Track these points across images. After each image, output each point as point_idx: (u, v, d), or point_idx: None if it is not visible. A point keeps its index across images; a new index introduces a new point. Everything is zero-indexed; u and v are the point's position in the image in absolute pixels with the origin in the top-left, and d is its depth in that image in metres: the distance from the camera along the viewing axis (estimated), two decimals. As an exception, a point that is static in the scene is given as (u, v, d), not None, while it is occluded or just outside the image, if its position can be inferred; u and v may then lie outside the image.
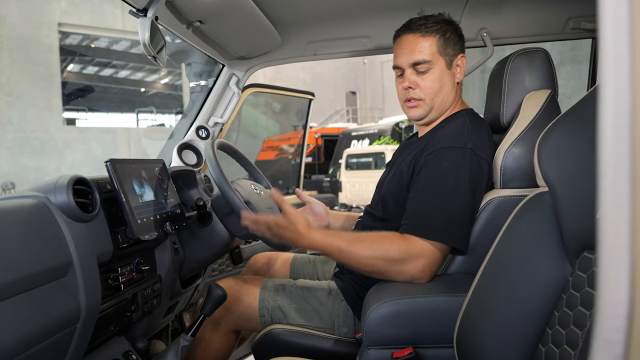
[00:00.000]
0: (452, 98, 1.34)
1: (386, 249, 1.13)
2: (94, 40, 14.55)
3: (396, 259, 1.12)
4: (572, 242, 0.81)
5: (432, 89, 1.31)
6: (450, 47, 1.31)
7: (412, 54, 1.30)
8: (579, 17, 1.67)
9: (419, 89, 1.31)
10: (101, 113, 15.72)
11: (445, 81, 1.32)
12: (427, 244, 1.12)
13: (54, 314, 0.89)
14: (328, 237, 1.19)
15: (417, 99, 1.32)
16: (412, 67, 1.31)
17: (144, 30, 1.11)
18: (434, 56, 1.29)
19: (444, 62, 1.31)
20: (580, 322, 0.73)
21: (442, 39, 1.30)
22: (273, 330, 1.33)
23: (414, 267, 1.12)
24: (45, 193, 0.96)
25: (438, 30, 1.30)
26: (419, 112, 1.34)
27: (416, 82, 1.31)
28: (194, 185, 1.72)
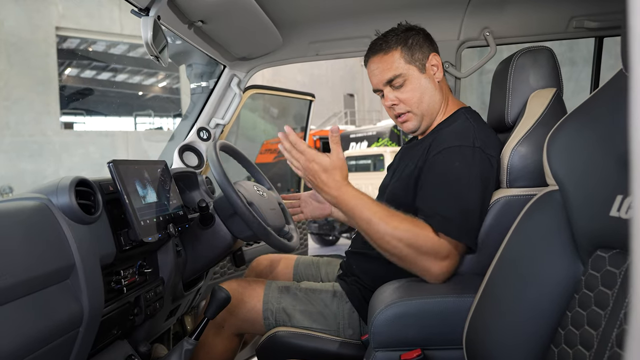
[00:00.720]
0: (438, 98, 1.35)
1: (418, 237, 1.08)
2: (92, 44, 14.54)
3: (426, 251, 1.09)
4: (584, 241, 0.79)
5: (413, 99, 1.32)
6: (417, 52, 1.32)
7: (382, 73, 1.32)
8: (582, 16, 1.66)
9: (402, 104, 1.33)
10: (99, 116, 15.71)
11: (425, 86, 1.32)
12: (453, 244, 1.10)
13: (57, 317, 0.87)
14: (360, 200, 1.12)
15: (404, 112, 1.34)
16: (387, 85, 1.33)
17: (146, 29, 1.10)
18: (403, 68, 1.31)
19: (416, 69, 1.32)
20: (594, 322, 0.72)
21: (405, 49, 1.31)
22: (277, 332, 1.31)
23: (440, 266, 1.10)
24: (47, 195, 0.94)
25: (399, 42, 1.32)
26: (413, 124, 1.35)
27: (397, 98, 1.33)
28: (196, 187, 1.71)
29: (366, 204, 1.12)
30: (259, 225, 1.34)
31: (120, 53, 15.16)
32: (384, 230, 1.09)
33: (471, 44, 1.76)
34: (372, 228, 1.10)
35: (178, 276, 1.42)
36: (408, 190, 1.26)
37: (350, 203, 1.12)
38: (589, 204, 0.79)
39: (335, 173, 1.12)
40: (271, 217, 1.47)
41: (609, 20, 1.65)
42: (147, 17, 1.10)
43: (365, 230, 1.12)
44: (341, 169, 1.13)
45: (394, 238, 1.08)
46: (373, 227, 1.10)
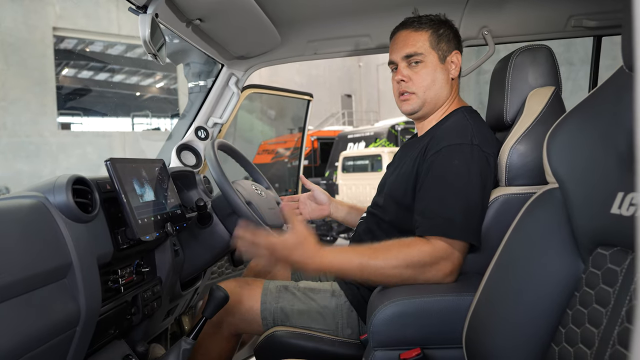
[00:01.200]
0: (446, 93, 1.35)
1: (412, 255, 1.08)
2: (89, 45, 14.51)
3: (423, 263, 1.08)
4: (585, 239, 0.79)
5: (424, 82, 1.32)
6: (443, 42, 1.34)
7: (404, 47, 1.33)
8: (581, 15, 1.66)
9: (411, 82, 1.33)
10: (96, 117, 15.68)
11: (438, 75, 1.33)
12: (450, 245, 1.09)
13: (53, 316, 0.87)
14: (343, 254, 1.11)
15: (409, 92, 1.34)
16: (405, 60, 1.33)
17: (144, 27, 1.09)
18: (426, 49, 1.32)
19: (437, 56, 1.33)
20: (596, 320, 0.71)
21: (435, 34, 1.33)
22: (275, 332, 1.30)
23: (442, 270, 1.09)
24: (44, 193, 0.94)
25: (431, 26, 1.33)
26: (412, 106, 1.35)
27: (409, 76, 1.33)
28: (193, 186, 1.70)
29: (349, 254, 1.11)
30: (258, 224, 1.34)
31: (117, 54, 15.13)
32: (379, 267, 1.09)
33: (470, 43, 1.75)
34: (367, 271, 1.09)
35: (176, 276, 1.41)
36: (407, 189, 1.26)
37: (335, 263, 1.10)
38: (589, 201, 0.78)
39: (304, 245, 1.10)
40: (270, 217, 1.46)
41: (608, 19, 1.65)
42: (144, 15, 1.10)
43: (362, 276, 1.11)
44: (307, 238, 1.11)
45: (391, 268, 1.08)
46: (367, 270, 1.09)
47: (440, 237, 1.09)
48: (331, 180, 11.22)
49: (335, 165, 11.13)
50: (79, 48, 14.33)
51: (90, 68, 15.45)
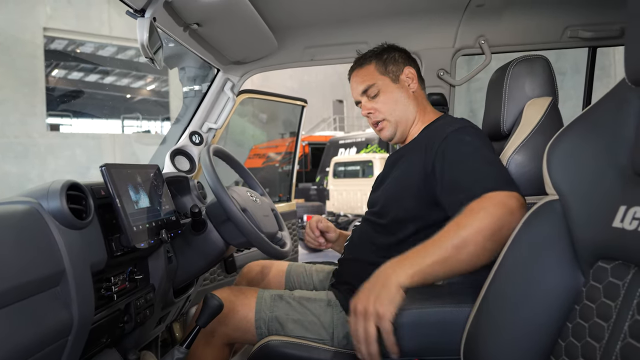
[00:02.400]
0: (412, 108, 1.41)
1: (487, 220, 0.99)
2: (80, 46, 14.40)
3: (502, 225, 0.99)
4: (585, 252, 0.79)
5: (387, 107, 1.40)
6: (391, 64, 1.42)
7: (358, 85, 1.43)
8: (577, 26, 1.68)
9: (377, 112, 1.41)
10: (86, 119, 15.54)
11: (398, 95, 1.40)
12: (508, 193, 1.04)
13: (45, 325, 0.85)
14: (411, 259, 1.01)
15: (379, 120, 1.41)
16: (363, 95, 1.42)
17: (142, 30, 1.08)
18: (377, 78, 1.40)
19: (389, 79, 1.41)
20: (597, 334, 0.71)
21: (379, 62, 1.41)
22: (270, 342, 1.29)
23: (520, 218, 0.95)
24: (38, 199, 0.92)
25: (373, 57, 1.43)
26: (388, 132, 1.42)
27: (373, 107, 1.41)
28: (187, 192, 1.68)
29: (420, 256, 1.01)
30: (253, 231, 1.33)
31: (108, 55, 15.03)
32: (470, 234, 0.99)
33: (466, 52, 1.76)
34: (464, 246, 0.99)
35: (169, 283, 1.39)
36: (411, 190, 1.26)
37: (411, 273, 0.99)
38: (590, 214, 0.78)
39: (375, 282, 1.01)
40: (264, 224, 1.45)
41: (603, 30, 1.66)
42: (143, 19, 1.08)
43: (449, 270, 1.01)
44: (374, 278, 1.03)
45: (476, 233, 0.99)
46: (463, 245, 0.99)
47: (496, 191, 1.04)
48: (322, 185, 11.22)
49: (326, 171, 11.13)
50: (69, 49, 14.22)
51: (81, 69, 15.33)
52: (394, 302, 0.97)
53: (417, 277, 0.99)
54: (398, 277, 0.99)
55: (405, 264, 1.01)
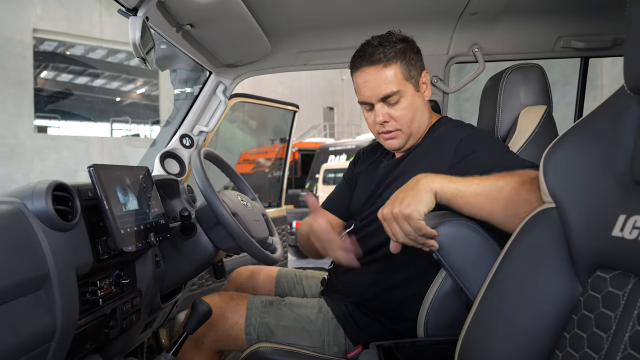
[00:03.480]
0: (426, 118, 1.32)
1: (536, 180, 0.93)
2: (70, 48, 14.30)
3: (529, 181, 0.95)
4: (583, 261, 0.78)
5: (406, 117, 1.26)
6: (413, 68, 1.27)
7: (378, 88, 1.23)
8: (570, 36, 1.68)
9: (393, 121, 1.26)
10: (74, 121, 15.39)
11: (418, 105, 1.28)
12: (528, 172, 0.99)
13: (27, 330, 0.81)
14: (449, 177, 0.96)
15: (393, 130, 1.27)
16: (381, 101, 1.25)
17: (134, 29, 1.06)
18: (402, 84, 1.24)
19: (412, 87, 1.27)
20: (596, 345, 0.70)
21: (404, 64, 1.25)
22: (260, 348, 1.26)
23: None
24: (22, 199, 0.88)
25: (398, 55, 1.24)
26: (399, 142, 1.29)
27: (389, 114, 1.25)
28: (177, 196, 1.65)
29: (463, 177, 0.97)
30: (243, 236, 1.30)
31: (98, 58, 14.94)
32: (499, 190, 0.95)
33: (460, 60, 1.76)
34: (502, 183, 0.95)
35: (156, 288, 1.36)
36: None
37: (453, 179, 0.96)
38: (589, 223, 0.77)
39: (404, 188, 0.98)
40: (255, 229, 1.43)
41: (596, 41, 1.67)
42: (135, 17, 1.06)
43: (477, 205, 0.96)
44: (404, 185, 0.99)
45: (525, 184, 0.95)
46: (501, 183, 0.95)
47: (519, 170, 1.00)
48: (311, 191, 11.19)
49: (315, 177, 11.11)
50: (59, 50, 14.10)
51: (70, 71, 15.20)
52: (422, 202, 0.93)
53: (448, 190, 0.95)
54: (429, 181, 0.95)
55: (439, 176, 0.97)
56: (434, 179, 0.96)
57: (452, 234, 0.98)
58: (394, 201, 0.96)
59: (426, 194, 0.94)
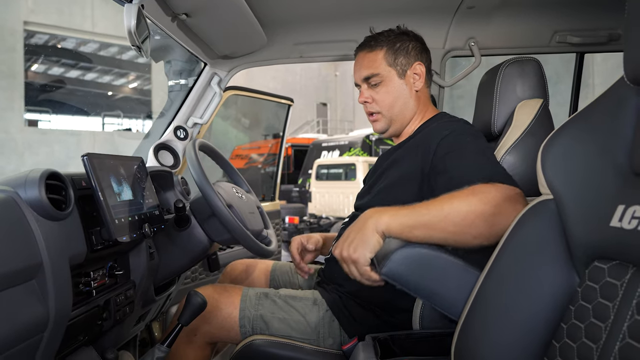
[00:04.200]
0: (411, 106, 1.36)
1: (485, 200, 0.95)
2: (61, 41, 14.16)
3: (499, 212, 0.95)
4: (581, 252, 0.78)
5: (386, 101, 1.34)
6: (401, 57, 1.34)
7: (362, 69, 1.35)
8: (565, 31, 1.69)
9: (374, 103, 1.35)
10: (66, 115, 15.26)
11: (400, 91, 1.34)
12: (505, 185, 1.00)
13: (19, 321, 0.80)
14: (395, 211, 0.97)
15: (375, 112, 1.37)
16: (365, 82, 1.36)
17: (129, 17, 1.04)
18: (383, 69, 1.33)
19: (395, 73, 1.34)
20: (594, 335, 0.70)
21: (390, 51, 1.34)
22: (254, 341, 1.25)
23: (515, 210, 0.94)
24: (15, 187, 0.87)
25: (386, 43, 1.34)
26: (380, 125, 1.38)
27: (371, 96, 1.35)
28: (170, 188, 1.64)
29: (408, 214, 0.97)
30: (239, 228, 1.29)
31: (90, 51, 14.81)
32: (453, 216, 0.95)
33: (456, 54, 1.76)
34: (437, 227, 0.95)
35: (150, 279, 1.35)
36: (404, 190, 1.23)
37: (401, 215, 0.97)
38: (587, 213, 0.77)
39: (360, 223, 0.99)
40: (250, 221, 1.42)
41: (591, 36, 1.67)
42: (130, 5, 1.04)
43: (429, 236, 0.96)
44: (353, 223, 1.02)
45: (470, 209, 0.95)
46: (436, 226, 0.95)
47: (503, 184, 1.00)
48: (304, 187, 11.19)
49: (308, 173, 11.10)
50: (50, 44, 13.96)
51: (62, 65, 15.06)
52: (369, 246, 0.95)
53: (395, 227, 0.96)
54: (376, 222, 0.97)
55: (387, 212, 0.98)
56: (381, 217, 0.97)
57: (408, 261, 0.95)
58: (344, 242, 0.99)
59: (373, 236, 0.96)
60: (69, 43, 14.34)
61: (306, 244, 1.46)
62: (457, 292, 0.97)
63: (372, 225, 0.96)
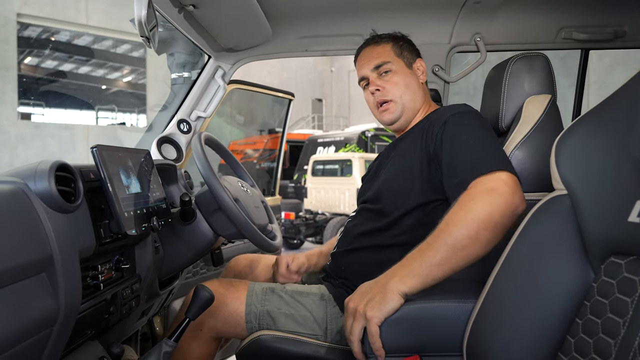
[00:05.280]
0: (420, 96, 1.40)
1: (476, 210, 0.99)
2: (55, 34, 14.04)
3: (492, 211, 0.99)
4: (596, 247, 0.78)
5: (398, 88, 1.36)
6: (405, 51, 1.41)
7: (371, 60, 1.39)
8: (571, 28, 1.69)
9: (385, 90, 1.36)
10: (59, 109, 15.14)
11: (410, 80, 1.38)
12: (497, 175, 1.04)
13: (30, 314, 0.79)
14: (408, 266, 1.00)
15: (387, 100, 1.37)
16: (374, 71, 1.38)
17: (140, 7, 1.03)
18: (392, 58, 1.38)
19: (403, 63, 1.39)
20: (612, 330, 0.70)
21: (395, 45, 1.40)
22: (261, 336, 1.25)
23: (513, 198, 1.00)
24: (24, 179, 0.86)
25: (390, 39, 1.42)
26: (393, 114, 1.38)
27: (382, 85, 1.37)
28: (174, 181, 1.63)
29: (419, 260, 1.00)
30: (245, 222, 1.29)
31: (84, 44, 14.69)
32: (462, 235, 0.99)
33: (461, 49, 1.75)
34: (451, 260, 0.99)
35: (155, 273, 1.34)
36: (411, 177, 1.25)
37: (414, 277, 0.99)
38: (604, 209, 0.77)
39: (373, 285, 1.02)
40: (256, 215, 1.41)
41: (597, 33, 1.68)
42: (141, -6, 1.03)
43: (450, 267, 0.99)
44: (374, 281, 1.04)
45: (468, 236, 0.98)
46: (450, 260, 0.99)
47: (485, 175, 1.04)
48: (300, 183, 11.18)
49: (304, 169, 11.09)
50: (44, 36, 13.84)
51: (55, 58, 14.94)
52: (386, 309, 0.97)
53: (417, 283, 0.99)
54: (398, 285, 0.99)
55: (403, 272, 1.00)
56: (399, 281, 0.99)
57: (386, 326, 0.98)
58: (362, 296, 1.01)
59: (394, 297, 0.98)
60: (62, 36, 14.22)
61: (290, 265, 1.46)
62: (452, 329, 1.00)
63: (394, 287, 0.99)
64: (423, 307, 1.00)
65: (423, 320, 1.00)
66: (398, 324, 0.99)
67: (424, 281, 0.99)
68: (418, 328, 0.99)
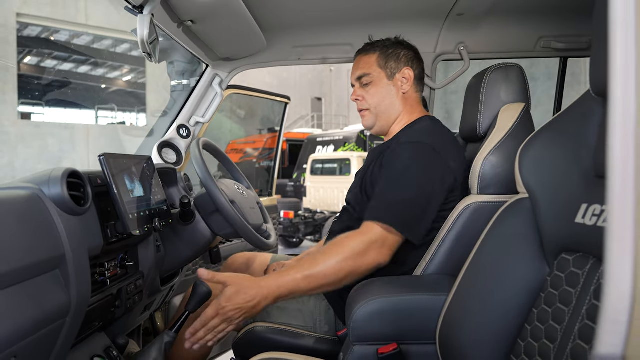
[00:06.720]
0: (397, 107, 1.45)
1: (349, 247, 1.16)
2: (54, 33, 14.09)
3: (361, 251, 1.15)
4: (551, 245, 0.87)
5: (373, 99, 1.45)
6: (392, 61, 1.45)
7: (356, 70, 1.48)
8: (550, 37, 1.78)
9: (364, 101, 1.46)
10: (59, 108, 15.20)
11: (387, 92, 1.45)
12: (386, 230, 1.17)
13: (46, 306, 0.89)
14: (284, 276, 1.15)
15: (364, 109, 1.47)
16: (358, 81, 1.47)
17: (142, 27, 1.12)
18: (374, 70, 1.44)
19: (385, 75, 1.45)
20: (559, 318, 0.79)
21: (382, 55, 1.45)
22: (255, 328, 1.34)
23: (379, 253, 1.17)
24: (39, 185, 0.95)
25: (380, 49, 1.46)
26: (368, 121, 1.49)
27: (362, 95, 1.47)
28: (174, 184, 1.72)
29: (291, 273, 1.15)
30: (241, 223, 1.38)
31: (84, 44, 14.74)
32: (321, 271, 1.14)
33: (446, 57, 1.84)
34: (316, 278, 1.14)
35: (157, 271, 1.44)
36: (361, 189, 1.36)
37: (281, 286, 1.14)
38: (556, 211, 0.86)
39: (243, 284, 1.14)
40: (251, 216, 1.50)
41: (573, 42, 1.77)
42: (143, 15, 1.12)
43: (313, 286, 1.15)
44: (240, 279, 1.15)
45: (332, 267, 1.14)
46: (315, 278, 1.14)
47: (376, 222, 1.18)
48: (299, 182, 11.25)
49: (303, 168, 11.15)
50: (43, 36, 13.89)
51: (55, 57, 14.99)
52: (247, 317, 1.14)
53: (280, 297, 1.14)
54: (260, 298, 1.12)
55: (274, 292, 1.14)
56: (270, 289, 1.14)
57: (367, 317, 1.10)
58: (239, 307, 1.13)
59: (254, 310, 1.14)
60: (62, 35, 14.27)
61: None
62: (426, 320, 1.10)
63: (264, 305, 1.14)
64: (402, 300, 1.10)
65: (401, 312, 1.09)
66: (379, 315, 1.08)
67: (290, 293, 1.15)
68: (396, 319, 1.09)
